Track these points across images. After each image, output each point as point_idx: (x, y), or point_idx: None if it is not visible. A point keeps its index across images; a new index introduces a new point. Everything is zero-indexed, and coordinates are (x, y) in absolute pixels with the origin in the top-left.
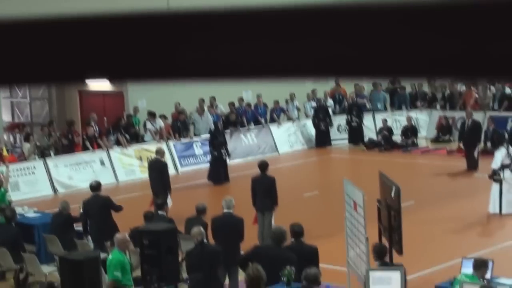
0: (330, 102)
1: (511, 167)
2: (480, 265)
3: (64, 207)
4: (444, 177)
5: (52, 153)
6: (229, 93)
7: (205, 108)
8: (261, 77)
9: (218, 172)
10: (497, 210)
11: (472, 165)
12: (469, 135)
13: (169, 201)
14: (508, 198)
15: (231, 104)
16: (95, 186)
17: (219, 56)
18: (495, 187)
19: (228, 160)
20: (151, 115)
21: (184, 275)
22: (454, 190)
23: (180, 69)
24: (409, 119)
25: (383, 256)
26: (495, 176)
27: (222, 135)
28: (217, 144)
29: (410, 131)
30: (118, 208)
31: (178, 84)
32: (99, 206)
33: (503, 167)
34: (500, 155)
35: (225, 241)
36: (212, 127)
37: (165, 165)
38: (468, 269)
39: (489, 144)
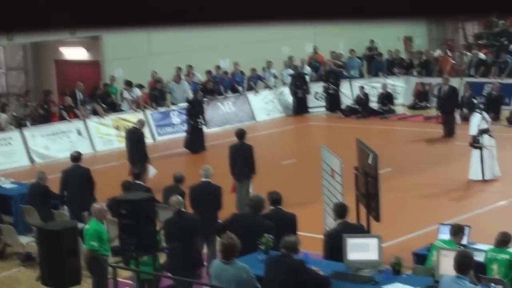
0: (307, 69)
1: (488, 131)
2: (457, 231)
3: (41, 177)
4: (421, 143)
5: (28, 124)
6: (206, 61)
7: (182, 77)
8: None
9: (195, 141)
10: (479, 177)
11: (450, 132)
12: (446, 101)
13: (152, 169)
14: (489, 163)
15: (208, 72)
16: (76, 157)
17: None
18: (475, 153)
19: (205, 129)
20: (128, 84)
21: (164, 244)
22: (431, 156)
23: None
24: (384, 86)
25: (344, 215)
26: (475, 143)
27: (199, 104)
28: (194, 113)
29: (386, 98)
30: (93, 184)
31: (154, 52)
32: (79, 177)
33: (481, 132)
34: (475, 121)
35: (203, 210)
36: (190, 95)
37: (142, 135)
38: (444, 235)
39: (465, 110)
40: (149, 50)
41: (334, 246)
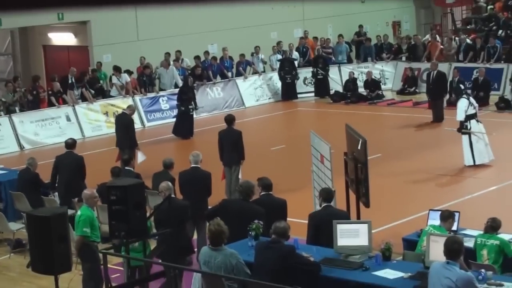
0: (296, 54)
1: (475, 116)
2: (447, 217)
3: (31, 163)
4: (410, 129)
5: (17, 109)
6: (194, 46)
7: (171, 62)
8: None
9: (184, 127)
10: (471, 162)
11: (438, 117)
12: (435, 86)
13: (141, 156)
14: (479, 147)
15: (197, 58)
16: (70, 144)
17: None
18: (465, 139)
19: (194, 115)
20: (117, 70)
21: (154, 230)
22: (420, 142)
23: None
24: (369, 73)
25: (330, 200)
26: (463, 129)
27: (191, 90)
28: (185, 99)
29: (372, 85)
30: (84, 172)
31: (143, 38)
32: (72, 164)
33: (468, 117)
34: (462, 106)
35: (192, 196)
36: (179, 81)
37: (131, 120)
38: (435, 221)
39: (453, 95)
40: (137, 35)
41: (316, 227)
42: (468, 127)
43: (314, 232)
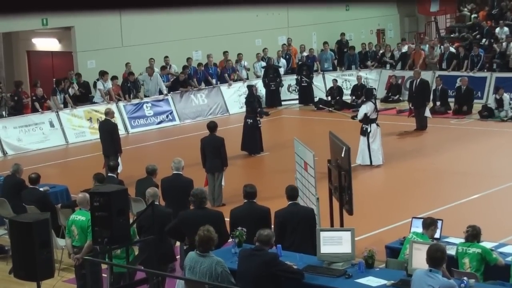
0: (282, 62)
1: (376, 121)
2: (430, 224)
3: (16, 170)
4: (394, 137)
5: (4, 114)
6: (179, 53)
7: (156, 69)
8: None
9: (252, 141)
10: (368, 162)
11: (421, 125)
12: (417, 94)
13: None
14: (376, 150)
15: (185, 67)
16: (34, 179)
17: None
18: (363, 141)
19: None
20: (103, 75)
21: (138, 237)
22: (403, 150)
23: None
24: (359, 78)
25: (295, 197)
26: (362, 130)
27: (257, 100)
28: (251, 110)
29: (360, 90)
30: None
31: (127, 44)
32: (34, 201)
33: (370, 121)
34: (366, 109)
35: (174, 203)
36: (163, 88)
37: (115, 126)
38: (418, 228)
39: (438, 103)
40: (122, 41)
41: (281, 224)
42: (369, 130)
43: (279, 231)
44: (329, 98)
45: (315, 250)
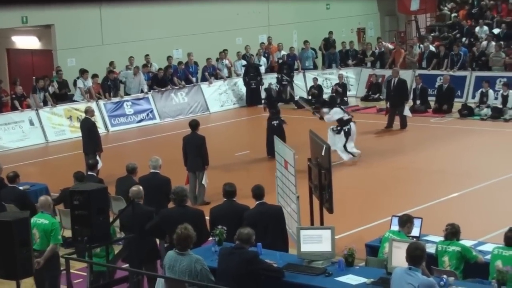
0: (263, 60)
1: (351, 120)
2: (406, 221)
3: None
4: (373, 135)
5: None
6: (159, 51)
7: (139, 67)
8: None
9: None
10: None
11: (401, 124)
12: (396, 93)
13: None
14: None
15: (167, 68)
16: (12, 177)
17: None
18: (339, 140)
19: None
20: (83, 73)
21: (118, 235)
22: (383, 148)
23: None
24: (340, 77)
25: (262, 197)
26: (342, 131)
27: (277, 102)
28: (274, 112)
29: (341, 87)
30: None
31: (107, 42)
32: (14, 199)
33: (346, 122)
34: (337, 114)
35: (151, 201)
36: (145, 87)
37: (93, 124)
38: (396, 226)
39: (418, 102)
40: (102, 39)
41: (252, 225)
42: (347, 129)
43: None
44: (310, 97)
45: (287, 245)
